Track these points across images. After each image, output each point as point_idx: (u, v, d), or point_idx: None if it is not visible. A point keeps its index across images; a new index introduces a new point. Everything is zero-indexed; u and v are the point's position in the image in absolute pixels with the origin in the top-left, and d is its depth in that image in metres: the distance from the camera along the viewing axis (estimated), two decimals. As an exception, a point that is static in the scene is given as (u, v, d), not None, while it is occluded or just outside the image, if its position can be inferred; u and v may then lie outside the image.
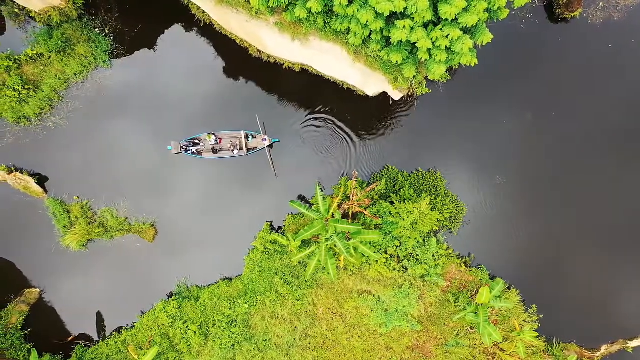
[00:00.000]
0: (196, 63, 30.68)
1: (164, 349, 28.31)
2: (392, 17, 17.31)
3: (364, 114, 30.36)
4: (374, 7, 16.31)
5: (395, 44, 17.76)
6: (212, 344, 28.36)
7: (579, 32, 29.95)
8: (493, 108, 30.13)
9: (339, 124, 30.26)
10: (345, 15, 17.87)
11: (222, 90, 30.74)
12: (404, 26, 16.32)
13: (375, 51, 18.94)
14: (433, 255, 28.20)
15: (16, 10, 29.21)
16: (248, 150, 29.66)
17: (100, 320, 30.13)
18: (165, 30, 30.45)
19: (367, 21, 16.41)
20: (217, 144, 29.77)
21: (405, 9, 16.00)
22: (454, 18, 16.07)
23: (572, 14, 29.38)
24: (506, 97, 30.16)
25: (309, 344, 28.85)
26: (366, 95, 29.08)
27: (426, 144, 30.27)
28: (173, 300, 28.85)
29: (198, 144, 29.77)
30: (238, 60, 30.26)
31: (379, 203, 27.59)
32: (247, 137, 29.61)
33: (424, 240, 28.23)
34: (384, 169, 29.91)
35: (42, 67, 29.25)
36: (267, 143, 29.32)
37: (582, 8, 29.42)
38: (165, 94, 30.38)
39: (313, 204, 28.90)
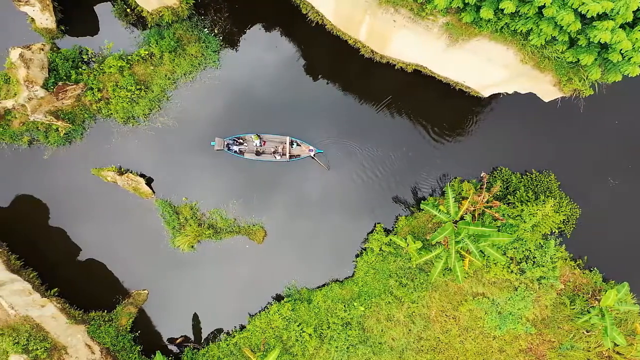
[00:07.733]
0: (300, 63, 30.38)
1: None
2: (587, 18, 17.08)
3: (472, 115, 30.13)
4: (575, 9, 16.07)
5: (584, 45, 17.52)
6: (327, 347, 28.14)
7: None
8: (600, 106, 29.76)
9: (443, 124, 30.11)
10: (529, 16, 17.62)
11: (307, 90, 30.52)
12: (607, 27, 16.09)
13: (556, 52, 18.71)
14: (550, 258, 27.94)
15: (127, 10, 28.92)
16: (290, 157, 29.49)
17: (206, 322, 29.95)
18: (274, 30, 30.16)
19: (568, 22, 16.17)
20: (261, 146, 29.61)
21: (612, 9, 15.80)
22: (658, 19, 15.88)
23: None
24: (613, 95, 29.77)
25: (422, 346, 28.67)
26: (479, 96, 28.84)
27: (535, 145, 29.99)
28: (287, 302, 28.61)
29: (242, 144, 29.58)
30: (346, 60, 29.92)
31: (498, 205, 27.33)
32: (291, 143, 29.48)
33: (541, 243, 27.98)
34: (496, 171, 29.65)
35: (152, 68, 28.98)
36: (312, 153, 29.40)
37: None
38: (265, 94, 30.22)
39: (424, 206, 28.40)
